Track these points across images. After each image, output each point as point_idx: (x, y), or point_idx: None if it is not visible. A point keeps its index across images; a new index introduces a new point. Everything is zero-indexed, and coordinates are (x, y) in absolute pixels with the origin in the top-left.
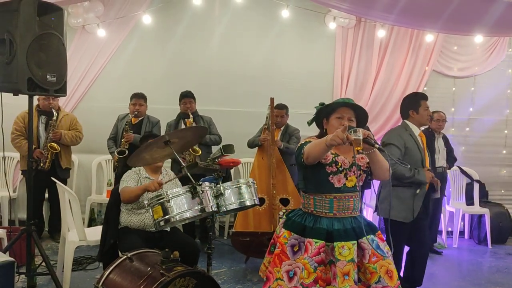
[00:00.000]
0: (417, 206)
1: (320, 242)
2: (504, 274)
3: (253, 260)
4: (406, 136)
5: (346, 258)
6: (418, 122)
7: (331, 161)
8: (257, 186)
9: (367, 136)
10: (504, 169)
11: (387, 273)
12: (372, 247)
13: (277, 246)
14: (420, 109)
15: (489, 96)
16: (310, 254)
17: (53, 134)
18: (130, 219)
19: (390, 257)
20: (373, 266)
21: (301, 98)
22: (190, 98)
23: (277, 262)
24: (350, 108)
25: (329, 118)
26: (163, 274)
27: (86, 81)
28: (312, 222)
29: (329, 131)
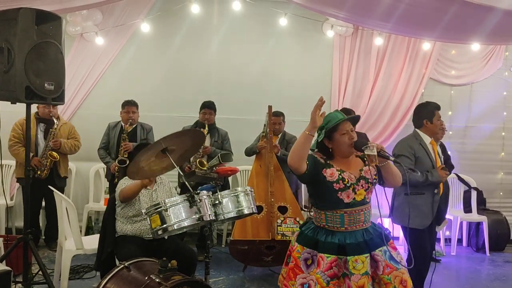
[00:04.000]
0: (431, 213)
1: (332, 257)
2: (502, 282)
3: (251, 269)
4: (416, 146)
5: (360, 271)
6: (431, 132)
7: (338, 178)
8: (255, 194)
9: (380, 149)
10: (502, 177)
11: (402, 283)
12: (385, 259)
13: (291, 260)
14: (434, 119)
15: (486, 104)
16: (323, 268)
17: (53, 143)
18: (126, 227)
19: (404, 267)
20: (387, 277)
21: (299, 106)
22: (211, 110)
23: (292, 276)
24: (348, 121)
25: (333, 137)
26: (160, 283)
27: (84, 89)
28: (324, 236)
29: (336, 149)
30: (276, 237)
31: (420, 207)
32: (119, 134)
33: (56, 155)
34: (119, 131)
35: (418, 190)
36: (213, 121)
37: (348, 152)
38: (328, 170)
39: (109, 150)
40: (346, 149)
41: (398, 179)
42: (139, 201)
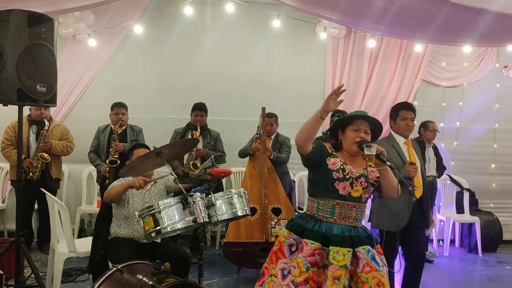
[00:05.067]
0: (404, 215)
1: (316, 244)
2: (494, 283)
3: (245, 271)
4: (387, 148)
5: (339, 263)
6: (397, 132)
7: (339, 168)
8: (249, 195)
9: (380, 152)
10: (494, 178)
11: (378, 285)
12: (367, 258)
13: (276, 244)
14: (397, 119)
15: (478, 105)
16: (305, 254)
17: (44, 144)
18: (119, 230)
19: (385, 271)
20: (365, 276)
21: (293, 108)
22: (202, 111)
23: (274, 259)
24: (367, 121)
25: (345, 130)
26: (154, 286)
27: (76, 91)
28: (312, 224)
29: (344, 142)
30: (270, 239)
31: (395, 209)
32: (109, 137)
33: (47, 157)
34: (109, 134)
35: None
36: (205, 123)
37: (352, 149)
38: (331, 159)
39: (99, 153)
40: (351, 145)
41: (394, 189)
42: (132, 200)
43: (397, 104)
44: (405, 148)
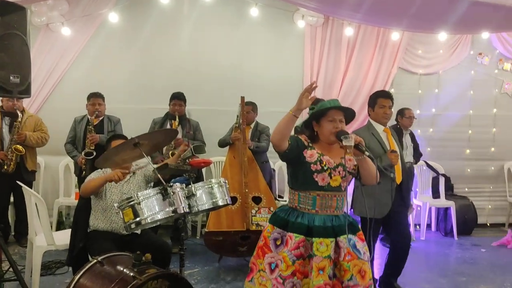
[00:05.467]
0: (387, 202)
1: (300, 237)
2: (470, 265)
3: (227, 259)
4: (367, 136)
5: (323, 254)
6: (376, 120)
7: (316, 160)
8: (229, 185)
9: (358, 142)
10: (469, 163)
11: (360, 273)
12: (348, 246)
13: (261, 239)
14: (375, 107)
15: (453, 93)
16: (290, 248)
17: (18, 136)
18: (98, 223)
19: (366, 258)
20: (346, 264)
21: (271, 96)
22: (180, 101)
23: (260, 254)
24: (340, 110)
25: (320, 121)
26: (135, 277)
27: (51, 81)
28: (295, 217)
29: (321, 134)
30: (251, 227)
31: (378, 196)
32: (86, 128)
33: (21, 149)
34: (86, 124)
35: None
36: (183, 112)
37: (329, 140)
38: (308, 151)
39: (76, 144)
40: (328, 136)
41: (373, 177)
42: (110, 192)
43: (375, 92)
44: (384, 136)
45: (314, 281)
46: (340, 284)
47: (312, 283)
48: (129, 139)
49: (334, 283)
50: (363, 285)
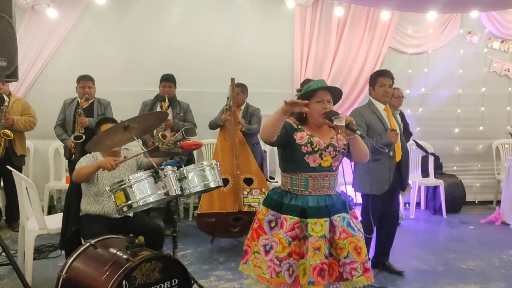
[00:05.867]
0: (386, 179)
1: (295, 218)
2: (458, 242)
3: (219, 241)
4: (368, 114)
5: (318, 234)
6: (376, 99)
7: (306, 142)
8: (221, 167)
9: (349, 122)
10: (457, 142)
11: (356, 249)
12: (343, 225)
13: (255, 222)
14: (376, 86)
15: (442, 72)
16: (285, 229)
17: (5, 121)
18: (90, 207)
19: (361, 235)
20: (342, 242)
21: (262, 78)
22: (170, 83)
23: (255, 236)
24: (327, 90)
25: (308, 103)
26: (128, 260)
27: (38, 64)
28: (289, 199)
29: (309, 115)
30: (243, 208)
31: (377, 173)
32: (75, 110)
33: (9, 133)
34: (75, 107)
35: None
36: (173, 94)
37: (319, 121)
38: (298, 134)
39: (65, 127)
40: (318, 117)
41: (365, 154)
42: (102, 176)
43: (375, 71)
44: (385, 114)
45: (310, 261)
46: (337, 262)
47: (309, 263)
48: (119, 123)
49: (330, 262)
50: (360, 261)
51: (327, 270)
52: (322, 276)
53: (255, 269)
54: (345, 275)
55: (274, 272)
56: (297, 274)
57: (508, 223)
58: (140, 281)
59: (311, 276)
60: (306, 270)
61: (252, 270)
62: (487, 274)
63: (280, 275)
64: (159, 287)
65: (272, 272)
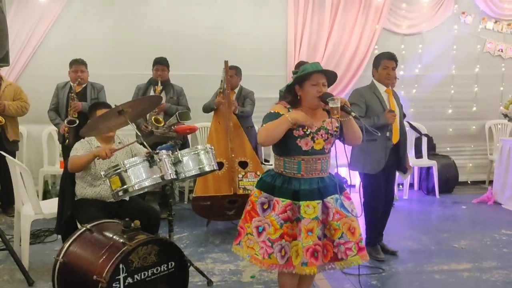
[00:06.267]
0: (381, 159)
1: (287, 201)
2: (451, 222)
3: (215, 223)
4: (369, 95)
5: (311, 216)
6: (379, 81)
7: (298, 125)
8: (215, 150)
9: (344, 103)
10: (450, 122)
11: (349, 230)
12: (336, 206)
13: (248, 204)
14: (379, 68)
15: (436, 52)
16: (277, 212)
17: None
18: (86, 191)
19: (354, 215)
20: (336, 223)
21: (255, 60)
22: (163, 66)
23: (248, 218)
24: (322, 73)
25: (303, 85)
26: (124, 244)
27: (29, 48)
28: (281, 182)
29: (304, 98)
30: (238, 191)
31: (373, 153)
32: (68, 95)
33: (1, 119)
34: (68, 92)
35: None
36: (166, 78)
37: (314, 104)
38: None
39: (59, 111)
40: (313, 100)
41: (358, 137)
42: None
43: (380, 53)
44: (385, 96)
45: (303, 243)
46: (331, 243)
47: (302, 244)
48: (113, 108)
49: (325, 243)
50: (354, 241)
51: (320, 251)
52: (316, 257)
53: (248, 250)
54: (340, 255)
55: (266, 254)
56: (289, 256)
57: (500, 203)
58: (137, 264)
59: (304, 257)
60: (299, 252)
61: (245, 251)
62: (479, 253)
63: (272, 256)
64: (156, 270)
65: (265, 253)
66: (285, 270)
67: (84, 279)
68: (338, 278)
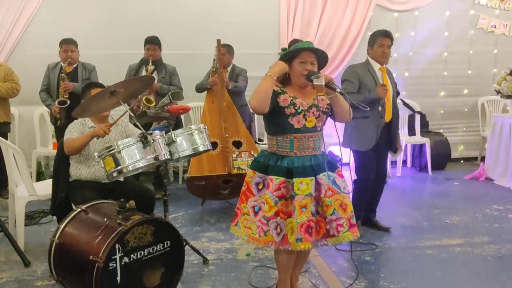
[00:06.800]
0: (373, 136)
1: (281, 178)
2: (443, 198)
3: (210, 203)
4: (363, 71)
5: (304, 192)
6: (374, 58)
7: (289, 104)
8: (209, 130)
9: (329, 81)
10: (443, 99)
11: (341, 206)
12: (328, 183)
13: (244, 185)
14: (375, 46)
15: (429, 29)
16: (271, 190)
17: None
18: (80, 172)
19: (346, 192)
20: (328, 200)
21: (248, 38)
22: (154, 45)
23: (244, 199)
24: (312, 52)
25: (292, 63)
26: (120, 224)
27: (17, 28)
28: (275, 161)
29: (292, 76)
30: (232, 171)
31: (365, 130)
32: (59, 75)
33: None
34: (59, 72)
35: (363, 114)
36: (158, 57)
37: (301, 82)
38: (281, 96)
39: (50, 92)
40: (300, 78)
41: (346, 113)
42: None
43: (376, 31)
44: (379, 74)
45: (297, 219)
46: (324, 220)
47: (296, 221)
48: (105, 88)
49: (317, 219)
50: (345, 217)
51: (314, 227)
52: (310, 233)
53: (246, 230)
54: (332, 231)
55: (262, 231)
56: (285, 233)
57: (492, 179)
58: (133, 244)
59: (298, 233)
60: (293, 229)
61: (243, 231)
62: (471, 228)
63: (268, 234)
64: (152, 249)
65: (261, 231)
66: (281, 247)
67: (80, 259)
68: (332, 255)
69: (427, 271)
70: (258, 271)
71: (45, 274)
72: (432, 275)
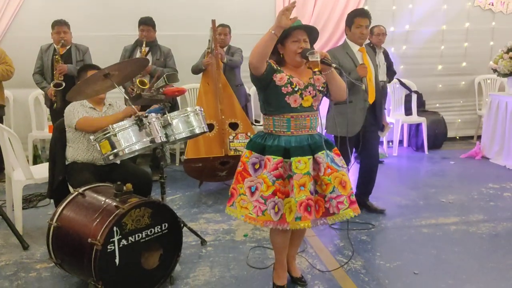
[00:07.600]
0: (358, 120)
1: (278, 158)
2: (439, 177)
3: (207, 184)
4: (342, 55)
5: (302, 171)
6: (352, 40)
7: (286, 82)
8: (205, 112)
9: (324, 57)
10: (440, 78)
11: (341, 184)
12: (327, 161)
13: (239, 165)
14: (352, 27)
15: (426, 7)
16: (269, 169)
17: None
18: (79, 153)
19: (345, 170)
20: (327, 178)
21: (243, 19)
22: (148, 26)
23: (240, 179)
24: (304, 30)
25: (285, 43)
26: (117, 207)
27: (10, 10)
28: (271, 141)
29: (286, 56)
30: (229, 152)
31: (350, 115)
32: (53, 57)
33: None
34: (52, 54)
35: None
36: (152, 38)
37: (296, 61)
38: (278, 75)
39: (44, 74)
40: (294, 57)
41: (343, 90)
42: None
43: (352, 11)
44: (359, 55)
45: (296, 198)
46: (323, 199)
47: (295, 199)
48: (99, 71)
49: (316, 198)
50: (345, 195)
51: (313, 205)
52: (309, 211)
53: (242, 210)
54: (332, 209)
55: (259, 211)
56: (283, 213)
57: (488, 157)
58: (130, 226)
59: (297, 212)
60: (292, 208)
61: (239, 211)
62: (466, 206)
63: (265, 213)
64: (149, 231)
65: (258, 211)
66: (279, 227)
67: (78, 242)
68: (329, 235)
69: (422, 250)
70: (255, 251)
71: (44, 257)
72: (427, 254)
